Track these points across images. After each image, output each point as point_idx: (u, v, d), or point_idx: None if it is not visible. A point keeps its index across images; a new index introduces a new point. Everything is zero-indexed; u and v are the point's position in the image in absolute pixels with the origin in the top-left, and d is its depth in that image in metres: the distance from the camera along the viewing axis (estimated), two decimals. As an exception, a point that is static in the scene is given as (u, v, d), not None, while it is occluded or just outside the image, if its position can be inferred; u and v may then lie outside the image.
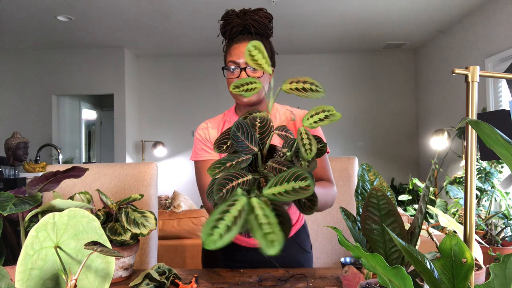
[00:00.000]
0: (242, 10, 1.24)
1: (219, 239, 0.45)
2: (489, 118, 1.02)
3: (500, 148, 0.50)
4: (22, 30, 4.19)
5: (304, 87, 0.74)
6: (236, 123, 0.77)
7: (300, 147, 0.68)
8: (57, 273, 0.78)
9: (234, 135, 0.75)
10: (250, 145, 0.75)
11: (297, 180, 0.58)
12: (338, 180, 1.70)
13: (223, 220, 0.47)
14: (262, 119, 0.81)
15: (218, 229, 0.46)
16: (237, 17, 1.23)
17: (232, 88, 0.78)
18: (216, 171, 0.71)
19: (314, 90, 0.74)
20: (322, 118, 0.73)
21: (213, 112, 1.43)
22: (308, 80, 0.75)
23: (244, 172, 0.69)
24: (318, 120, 0.73)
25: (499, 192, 2.44)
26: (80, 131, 6.03)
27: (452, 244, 0.55)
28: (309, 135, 0.70)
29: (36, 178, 1.01)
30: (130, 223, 1.12)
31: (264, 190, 0.59)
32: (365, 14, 3.89)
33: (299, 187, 0.57)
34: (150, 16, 3.87)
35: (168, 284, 1.08)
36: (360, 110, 5.34)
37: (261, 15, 1.23)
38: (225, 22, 1.25)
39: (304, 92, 0.74)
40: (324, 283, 1.10)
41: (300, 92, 0.74)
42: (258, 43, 0.77)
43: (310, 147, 0.67)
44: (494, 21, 3.46)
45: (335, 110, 0.73)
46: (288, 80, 0.76)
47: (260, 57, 0.76)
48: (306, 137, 0.69)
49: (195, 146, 1.32)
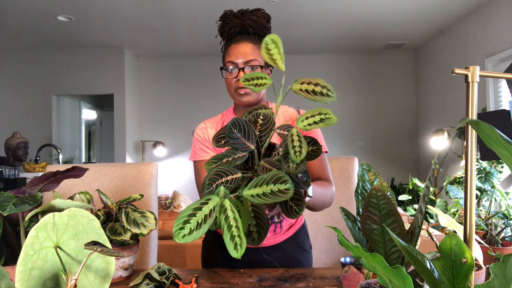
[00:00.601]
0: (240, 11, 1.24)
1: (188, 234, 0.47)
2: (489, 118, 1.02)
3: (500, 148, 0.50)
4: (22, 30, 4.19)
5: (315, 90, 0.71)
6: (232, 120, 0.76)
7: (290, 149, 0.66)
8: (57, 273, 0.78)
9: (230, 132, 0.75)
10: (246, 142, 0.74)
11: (277, 183, 0.58)
12: (338, 180, 1.70)
13: (194, 217, 0.49)
14: (265, 117, 0.80)
15: (189, 224, 0.48)
16: (235, 17, 1.23)
17: (242, 81, 0.77)
18: (212, 166, 0.71)
19: (325, 94, 0.71)
20: (317, 121, 0.71)
21: (213, 112, 1.43)
22: (320, 83, 0.71)
23: (235, 170, 0.69)
24: (312, 122, 0.71)
25: (499, 192, 2.44)
26: (80, 131, 6.03)
27: (452, 244, 0.55)
28: (300, 137, 0.68)
29: (36, 178, 1.01)
30: (130, 223, 1.12)
31: (244, 190, 0.58)
32: (365, 14, 3.89)
33: (278, 190, 0.57)
34: (150, 16, 3.87)
35: (168, 284, 1.08)
36: (360, 110, 5.34)
37: (259, 15, 1.23)
38: (223, 22, 1.25)
39: (313, 95, 0.71)
40: (324, 283, 1.10)
41: (308, 95, 0.71)
42: (276, 37, 0.75)
43: (300, 150, 0.65)
44: (494, 21, 3.46)
45: (331, 114, 0.71)
46: (299, 80, 0.73)
47: (276, 52, 0.75)
48: (297, 139, 0.67)
49: (194, 147, 1.33)
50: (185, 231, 0.48)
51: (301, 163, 0.67)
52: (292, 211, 0.70)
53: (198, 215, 0.49)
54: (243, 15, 1.23)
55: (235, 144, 0.74)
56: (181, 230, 0.48)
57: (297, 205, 0.70)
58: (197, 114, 5.37)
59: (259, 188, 0.58)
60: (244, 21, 1.22)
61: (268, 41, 0.74)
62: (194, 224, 0.48)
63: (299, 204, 0.70)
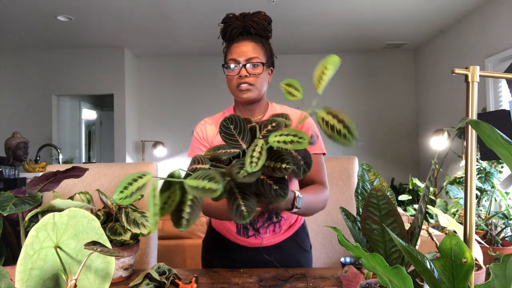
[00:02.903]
0: (242, 14, 1.27)
1: (129, 196, 0.58)
2: (489, 118, 1.02)
3: (500, 148, 0.50)
4: (22, 30, 4.19)
5: (336, 126, 0.68)
6: (231, 116, 0.77)
7: (247, 157, 0.66)
8: (57, 273, 0.78)
9: (225, 126, 0.76)
10: (240, 140, 0.75)
11: (209, 180, 0.60)
12: (338, 180, 1.70)
13: (131, 186, 0.59)
14: (277, 124, 0.80)
15: (127, 190, 0.59)
16: (237, 19, 1.26)
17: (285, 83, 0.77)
18: (210, 153, 0.78)
19: (342, 135, 0.68)
20: (287, 141, 0.68)
21: (213, 112, 1.43)
22: (345, 121, 0.68)
23: (207, 161, 0.74)
24: (282, 141, 0.68)
25: (499, 192, 2.44)
26: (80, 131, 6.02)
27: (452, 244, 0.55)
28: (263, 149, 0.67)
29: (36, 178, 1.01)
30: (130, 223, 1.12)
31: (186, 179, 0.63)
32: (365, 14, 3.89)
33: (208, 188, 0.60)
34: (150, 16, 3.87)
35: (168, 284, 1.08)
36: (360, 110, 5.34)
37: (260, 17, 1.26)
38: (225, 24, 1.28)
39: (330, 130, 0.69)
40: (324, 283, 1.10)
41: (326, 128, 0.69)
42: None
43: (257, 162, 0.65)
44: (494, 21, 3.46)
45: (306, 140, 0.66)
46: (326, 109, 0.69)
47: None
48: (258, 151, 0.67)
49: (192, 144, 1.34)
50: (127, 192, 0.59)
51: (253, 174, 0.65)
52: (278, 194, 0.70)
53: (134, 185, 0.59)
54: (244, 17, 1.26)
55: (228, 140, 0.75)
56: (122, 193, 0.59)
57: (281, 188, 0.71)
58: (197, 114, 5.35)
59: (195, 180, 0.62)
60: (246, 22, 1.24)
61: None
62: (130, 191, 0.59)
63: (283, 187, 0.71)
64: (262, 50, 1.24)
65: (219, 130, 0.79)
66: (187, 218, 0.61)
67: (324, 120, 0.69)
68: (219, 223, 1.36)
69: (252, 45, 1.22)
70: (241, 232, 1.29)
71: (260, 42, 1.25)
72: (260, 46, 1.24)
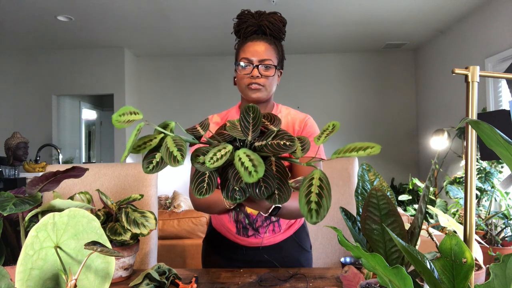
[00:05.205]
0: (257, 12, 1.27)
1: (156, 167, 0.74)
2: (489, 118, 1.02)
3: (500, 148, 0.50)
4: (22, 30, 4.18)
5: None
6: (255, 107, 0.81)
7: (237, 166, 0.69)
8: (57, 273, 0.78)
9: (247, 112, 0.81)
10: (250, 132, 0.80)
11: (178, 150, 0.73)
12: (338, 180, 1.70)
13: (154, 158, 0.76)
14: (269, 132, 0.84)
15: (152, 163, 0.75)
16: (252, 17, 1.26)
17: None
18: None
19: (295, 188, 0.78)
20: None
21: (213, 112, 1.43)
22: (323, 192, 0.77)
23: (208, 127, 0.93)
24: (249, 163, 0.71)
25: (499, 192, 2.44)
26: (80, 131, 6.02)
27: (452, 244, 0.55)
28: (252, 158, 0.71)
29: (36, 178, 1.01)
30: (130, 223, 1.12)
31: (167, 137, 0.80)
32: (365, 14, 3.89)
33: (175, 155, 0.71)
34: (150, 16, 3.87)
35: (168, 284, 1.08)
36: (360, 110, 5.34)
37: (276, 18, 1.27)
38: (240, 21, 1.27)
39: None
40: (324, 283, 1.10)
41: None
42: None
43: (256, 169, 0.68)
44: (494, 21, 3.46)
45: (262, 168, 0.68)
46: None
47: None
48: (248, 159, 0.70)
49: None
50: (153, 164, 0.74)
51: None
52: (261, 192, 0.73)
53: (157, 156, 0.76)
54: (260, 16, 1.26)
55: (241, 123, 0.80)
56: (150, 164, 0.74)
57: (266, 188, 0.74)
58: (197, 114, 5.37)
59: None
60: (261, 21, 1.24)
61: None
62: (155, 162, 0.75)
63: (267, 186, 0.74)
64: (275, 51, 1.24)
65: (242, 110, 0.82)
66: (157, 161, 0.75)
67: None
68: (219, 223, 1.36)
69: (266, 46, 1.22)
70: (241, 232, 1.29)
71: (273, 43, 1.24)
72: (274, 47, 1.24)
